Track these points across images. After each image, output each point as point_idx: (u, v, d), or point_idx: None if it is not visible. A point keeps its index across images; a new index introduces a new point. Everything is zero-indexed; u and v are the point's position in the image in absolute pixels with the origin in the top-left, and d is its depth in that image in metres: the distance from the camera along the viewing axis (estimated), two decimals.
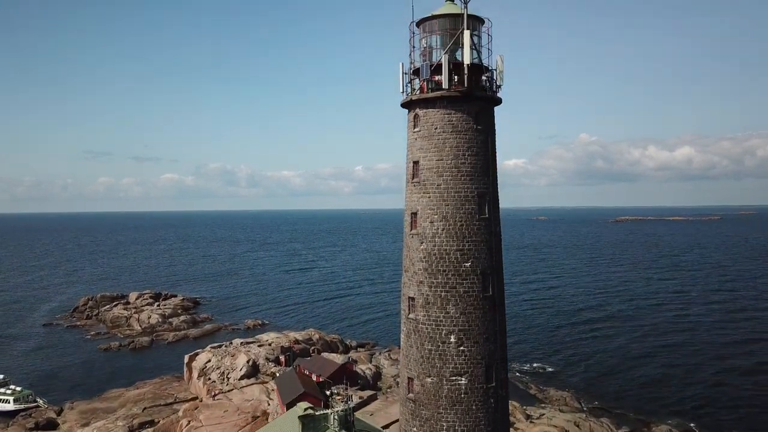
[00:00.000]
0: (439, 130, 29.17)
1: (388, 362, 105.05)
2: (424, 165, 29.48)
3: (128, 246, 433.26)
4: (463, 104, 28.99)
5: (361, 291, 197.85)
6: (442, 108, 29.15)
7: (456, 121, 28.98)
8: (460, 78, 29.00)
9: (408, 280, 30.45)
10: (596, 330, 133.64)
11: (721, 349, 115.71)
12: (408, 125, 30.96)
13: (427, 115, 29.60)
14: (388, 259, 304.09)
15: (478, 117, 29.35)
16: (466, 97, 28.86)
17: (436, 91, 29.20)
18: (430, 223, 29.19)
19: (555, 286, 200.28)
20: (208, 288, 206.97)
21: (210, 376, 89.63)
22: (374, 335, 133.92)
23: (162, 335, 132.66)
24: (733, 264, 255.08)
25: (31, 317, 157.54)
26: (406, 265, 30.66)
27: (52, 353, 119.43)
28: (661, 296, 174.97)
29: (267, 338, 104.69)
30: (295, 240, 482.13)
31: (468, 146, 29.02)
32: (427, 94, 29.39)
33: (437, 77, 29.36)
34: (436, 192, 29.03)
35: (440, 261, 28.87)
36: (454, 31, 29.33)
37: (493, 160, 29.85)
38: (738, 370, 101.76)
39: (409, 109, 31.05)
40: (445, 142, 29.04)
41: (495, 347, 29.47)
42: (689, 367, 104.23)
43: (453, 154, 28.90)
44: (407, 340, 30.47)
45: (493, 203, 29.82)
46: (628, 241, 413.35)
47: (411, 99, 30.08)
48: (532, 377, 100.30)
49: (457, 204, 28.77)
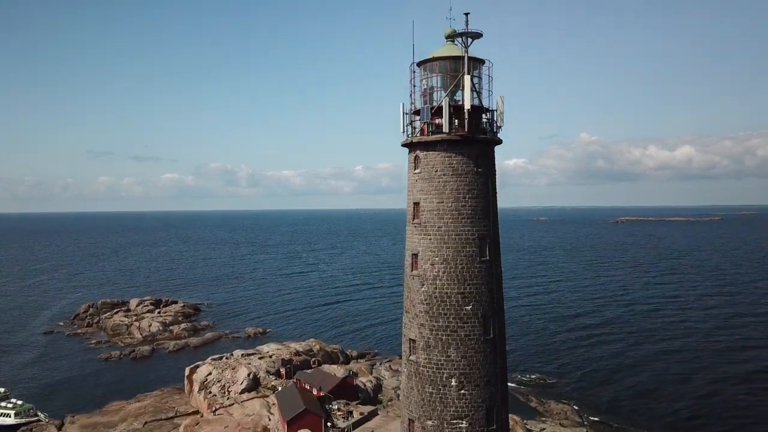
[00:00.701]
0: (440, 172, 29.19)
1: (388, 373, 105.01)
2: (425, 207, 29.49)
3: (128, 248, 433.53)
4: (464, 147, 29.00)
5: (361, 296, 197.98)
6: (443, 151, 29.17)
7: (456, 164, 29.00)
8: (460, 121, 29.01)
9: (409, 322, 30.50)
10: (594, 337, 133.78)
11: (717, 356, 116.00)
12: (409, 165, 30.97)
13: (428, 157, 29.62)
14: (388, 261, 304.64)
15: (478, 159, 29.38)
16: (467, 140, 28.87)
17: (437, 134, 29.24)
18: (431, 266, 29.22)
19: (553, 290, 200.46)
20: (209, 293, 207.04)
21: (211, 389, 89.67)
22: (374, 344, 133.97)
23: (163, 344, 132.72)
24: (731, 267, 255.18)
25: (32, 324, 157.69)
26: (407, 306, 30.67)
27: (53, 363, 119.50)
28: (658, 301, 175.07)
29: (268, 349, 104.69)
30: (295, 242, 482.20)
31: (468, 189, 29.04)
32: (427, 137, 29.42)
33: (438, 120, 29.37)
34: (437, 234, 29.06)
35: (441, 304, 28.91)
36: (455, 73, 29.34)
37: (493, 201, 29.86)
38: (733, 379, 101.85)
39: (409, 150, 31.07)
40: (445, 185, 29.05)
41: (496, 389, 29.52)
42: (687, 377, 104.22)
43: (453, 196, 28.92)
44: (408, 382, 30.51)
45: (494, 245, 29.84)
46: (627, 243, 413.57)
47: (411, 141, 30.07)
48: (532, 389, 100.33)
49: (458, 247, 28.80)
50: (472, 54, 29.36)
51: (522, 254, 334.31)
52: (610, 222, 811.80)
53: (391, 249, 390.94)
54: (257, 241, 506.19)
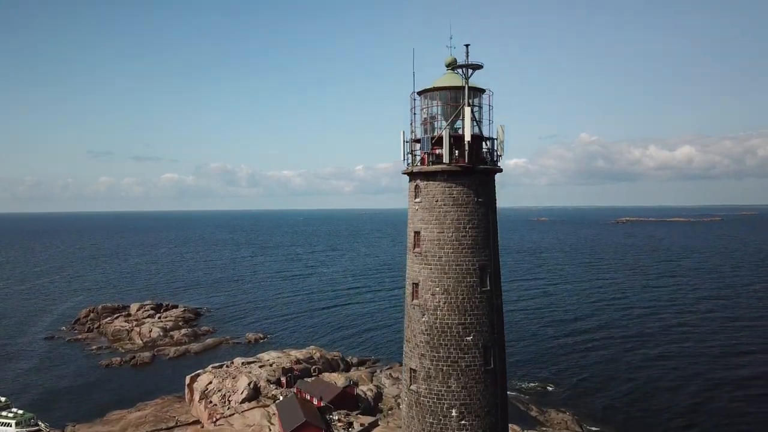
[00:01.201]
0: (440, 202, 29.26)
1: (389, 381, 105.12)
2: (425, 236, 29.57)
3: (128, 249, 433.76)
4: (464, 178, 29.08)
5: (361, 299, 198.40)
6: (443, 181, 29.25)
7: (457, 195, 29.08)
8: (461, 151, 29.07)
9: (410, 351, 30.58)
10: (592, 341, 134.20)
11: (713, 362, 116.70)
12: (409, 194, 31.06)
13: (428, 187, 29.69)
14: (387, 264, 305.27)
15: (479, 189, 29.45)
16: (467, 171, 28.93)
17: (437, 164, 29.30)
18: (431, 296, 29.31)
19: (552, 293, 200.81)
20: (209, 297, 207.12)
21: (211, 398, 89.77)
22: (374, 349, 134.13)
23: (163, 350, 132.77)
24: (730, 270, 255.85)
25: (33, 329, 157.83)
26: (408, 336, 30.77)
27: (54, 370, 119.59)
28: (656, 305, 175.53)
29: (268, 357, 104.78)
30: (295, 243, 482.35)
31: (469, 219, 29.12)
32: (428, 168, 29.49)
33: (438, 150, 29.43)
34: (437, 264, 29.14)
35: (442, 335, 29.00)
36: (456, 103, 29.42)
37: (494, 231, 29.95)
38: (730, 385, 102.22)
39: (410, 179, 31.13)
40: (446, 215, 29.13)
41: (496, 420, 29.62)
42: (683, 383, 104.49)
43: (454, 227, 29.00)
44: (409, 411, 30.60)
45: (495, 275, 29.92)
46: (627, 245, 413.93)
47: (412, 171, 30.13)
48: (532, 397, 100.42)
49: (459, 277, 28.88)
50: (472, 84, 29.43)
51: (522, 256, 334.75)
52: (610, 222, 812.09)
53: (390, 251, 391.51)
54: (257, 242, 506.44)
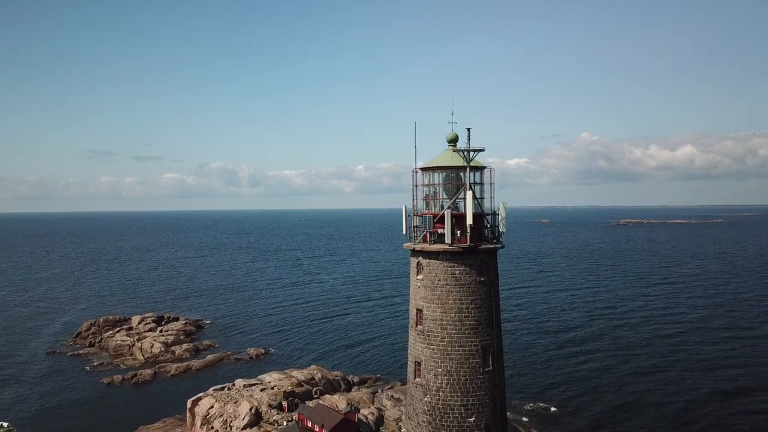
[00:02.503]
0: (443, 282, 29.24)
1: (390, 402, 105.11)
2: (428, 315, 29.55)
3: (130, 254, 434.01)
4: (467, 258, 29.04)
5: (361, 308, 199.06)
6: (446, 261, 29.23)
7: (459, 274, 29.06)
8: (462, 230, 29.02)
9: (412, 429, 30.55)
10: (592, 356, 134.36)
11: (719, 380, 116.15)
12: (412, 269, 31.05)
13: (431, 265, 29.67)
14: (387, 271, 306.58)
15: (481, 269, 29.42)
16: (470, 251, 28.88)
17: (439, 243, 29.26)
18: (434, 377, 29.28)
19: (551, 304, 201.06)
20: (210, 306, 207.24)
21: (213, 424, 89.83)
22: (375, 365, 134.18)
23: (165, 367, 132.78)
24: (728, 277, 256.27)
25: (34, 343, 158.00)
26: (410, 413, 30.77)
27: (56, 390, 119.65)
28: (658, 316, 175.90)
29: (270, 379, 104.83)
30: (296, 248, 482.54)
31: (472, 299, 29.10)
32: (430, 247, 29.43)
33: (440, 230, 29.38)
34: (440, 345, 29.12)
35: (444, 416, 28.97)
36: (457, 181, 29.40)
37: (496, 309, 29.91)
38: (732, 400, 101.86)
39: (412, 254, 31.10)
40: (448, 295, 29.11)
41: None
42: (689, 404, 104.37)
43: (457, 307, 28.98)
44: None
45: (497, 354, 29.88)
46: (628, 249, 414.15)
47: (414, 248, 30.09)
48: (533, 420, 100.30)
49: (461, 358, 28.86)
50: (474, 163, 29.40)
51: (521, 262, 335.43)
52: (611, 225, 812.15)
53: (390, 255, 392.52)
54: (258, 245, 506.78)
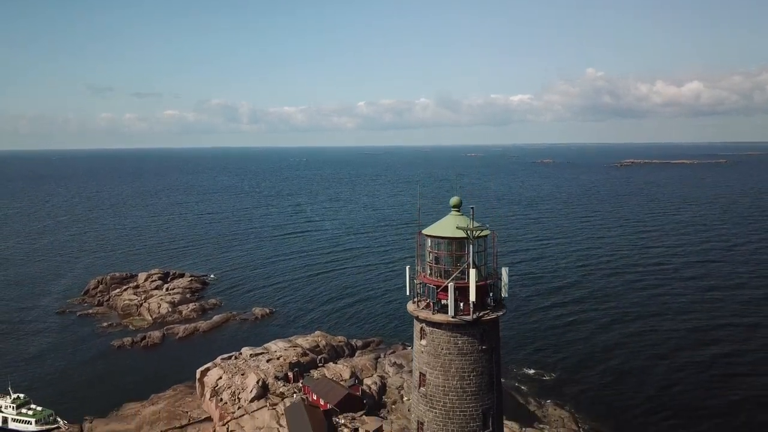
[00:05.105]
0: (445, 350, 30.15)
1: (392, 369, 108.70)
2: (430, 381, 30.63)
3: (133, 199, 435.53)
4: (469, 328, 29.79)
5: (362, 262, 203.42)
6: (449, 331, 30.01)
7: (462, 344, 29.92)
8: (465, 303, 29.61)
9: None
10: (583, 317, 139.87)
11: (701, 342, 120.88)
12: (415, 332, 31.91)
13: (434, 333, 30.50)
14: (387, 218, 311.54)
15: (483, 337, 30.27)
16: (472, 323, 29.60)
17: (442, 312, 29.90)
18: None
19: (543, 256, 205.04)
20: (214, 260, 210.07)
21: (221, 395, 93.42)
22: (377, 325, 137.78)
23: (172, 328, 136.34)
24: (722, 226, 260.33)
25: (43, 301, 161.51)
26: None
27: (68, 353, 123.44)
28: (649, 273, 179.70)
29: (275, 348, 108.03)
30: (296, 192, 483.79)
31: (473, 367, 30.08)
32: (433, 317, 30.12)
33: (444, 300, 29.97)
34: (442, 410, 30.36)
35: None
36: (460, 252, 29.73)
37: (497, 374, 30.94)
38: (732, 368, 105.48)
39: (416, 319, 31.84)
40: (450, 364, 30.08)
41: None
42: (675, 364, 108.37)
43: (459, 375, 30.01)
44: None
45: (498, 416, 31.14)
46: (627, 194, 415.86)
47: (418, 316, 30.79)
48: (530, 387, 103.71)
49: (462, 423, 30.15)
50: (477, 233, 29.66)
51: (520, 208, 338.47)
52: (613, 166, 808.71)
53: (390, 201, 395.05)
54: (260, 190, 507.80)
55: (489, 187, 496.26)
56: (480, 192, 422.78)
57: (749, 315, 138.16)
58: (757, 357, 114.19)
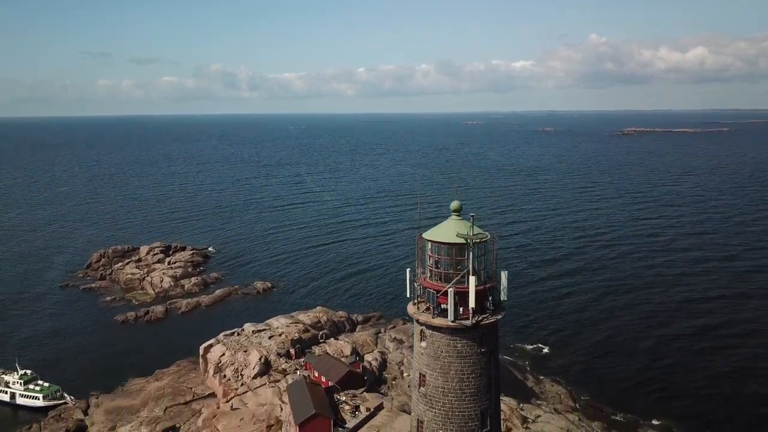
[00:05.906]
0: (445, 353, 30.76)
1: (393, 345, 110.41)
2: (430, 381, 31.33)
3: (133, 168, 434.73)
4: (469, 332, 30.31)
5: (361, 234, 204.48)
6: (448, 334, 30.54)
7: (461, 347, 30.51)
8: (465, 308, 30.07)
9: None
10: (580, 289, 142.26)
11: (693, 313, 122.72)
12: (415, 334, 32.47)
13: (434, 336, 31.05)
14: (385, 189, 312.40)
15: (482, 340, 30.83)
16: (472, 327, 30.11)
17: (442, 316, 30.39)
18: None
19: (541, 228, 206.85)
20: (215, 232, 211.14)
21: (225, 372, 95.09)
22: (377, 298, 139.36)
23: (175, 303, 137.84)
24: (727, 198, 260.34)
25: (47, 275, 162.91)
26: None
27: (72, 328, 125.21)
28: (644, 245, 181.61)
29: (277, 324, 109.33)
30: (296, 162, 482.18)
31: (472, 369, 30.74)
32: (433, 321, 30.63)
33: (444, 304, 30.41)
34: (441, 410, 31.14)
35: None
36: (460, 257, 30.05)
37: (496, 375, 31.61)
38: (729, 351, 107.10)
39: (416, 322, 32.35)
40: (450, 366, 30.72)
41: None
42: (667, 339, 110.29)
43: (458, 377, 30.69)
44: None
45: (495, 416, 31.93)
46: (627, 164, 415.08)
47: (418, 319, 31.30)
48: (528, 361, 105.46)
49: (461, 422, 30.96)
50: (477, 239, 29.93)
51: (520, 179, 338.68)
52: (615, 134, 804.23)
53: (389, 172, 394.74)
54: (259, 159, 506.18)
55: (489, 156, 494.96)
56: (480, 168, 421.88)
57: (741, 286, 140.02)
58: (746, 328, 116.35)
